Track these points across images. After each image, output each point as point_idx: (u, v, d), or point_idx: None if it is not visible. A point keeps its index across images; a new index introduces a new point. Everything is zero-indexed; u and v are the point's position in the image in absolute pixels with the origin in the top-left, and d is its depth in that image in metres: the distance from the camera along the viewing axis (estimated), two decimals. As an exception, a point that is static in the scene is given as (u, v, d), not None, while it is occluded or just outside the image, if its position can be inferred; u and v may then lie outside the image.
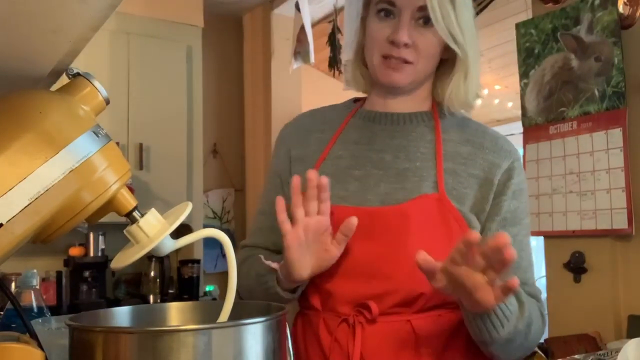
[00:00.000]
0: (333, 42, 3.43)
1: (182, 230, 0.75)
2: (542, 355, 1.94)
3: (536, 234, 2.29)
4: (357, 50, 1.12)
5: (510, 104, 5.40)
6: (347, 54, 1.21)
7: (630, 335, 1.90)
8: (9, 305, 0.97)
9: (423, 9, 0.98)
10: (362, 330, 0.97)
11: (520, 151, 2.35)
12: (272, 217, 1.09)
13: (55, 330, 0.90)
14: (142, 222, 0.68)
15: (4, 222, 0.57)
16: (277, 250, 1.09)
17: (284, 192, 1.11)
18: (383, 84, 1.05)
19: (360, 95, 1.18)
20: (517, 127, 2.54)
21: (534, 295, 1.02)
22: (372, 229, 0.98)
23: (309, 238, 0.95)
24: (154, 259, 3.11)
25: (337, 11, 3.43)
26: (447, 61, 1.06)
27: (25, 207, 0.58)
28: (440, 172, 1.02)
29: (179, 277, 3.33)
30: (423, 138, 1.06)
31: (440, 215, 0.99)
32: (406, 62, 1.01)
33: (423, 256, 0.83)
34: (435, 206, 0.99)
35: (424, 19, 0.99)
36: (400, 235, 0.97)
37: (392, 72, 1.02)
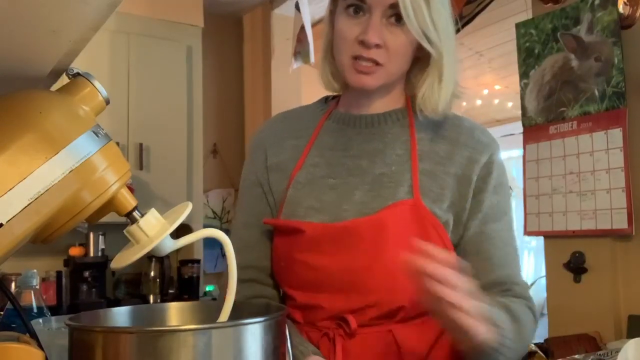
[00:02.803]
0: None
1: (182, 230, 0.75)
2: (542, 355, 1.94)
3: (536, 234, 2.29)
4: (327, 47, 1.06)
5: (510, 104, 5.40)
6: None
7: (630, 335, 1.90)
8: (9, 305, 0.98)
9: (395, 6, 0.92)
10: (343, 343, 0.95)
11: (520, 151, 2.36)
12: (259, 230, 1.07)
13: (55, 330, 0.91)
14: (142, 222, 0.68)
15: (4, 222, 0.57)
16: (268, 267, 1.06)
17: (268, 203, 1.08)
18: (354, 88, 1.00)
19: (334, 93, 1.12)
20: (517, 127, 2.54)
21: (523, 296, 1.00)
22: (349, 243, 0.95)
23: None
24: (154, 259, 3.11)
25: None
26: (422, 58, 1.01)
27: (25, 207, 0.58)
28: (416, 175, 0.98)
29: (179, 277, 3.33)
30: (398, 139, 1.02)
31: (417, 221, 0.95)
32: (377, 63, 0.95)
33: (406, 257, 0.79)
34: (410, 213, 0.96)
35: (396, 17, 0.93)
36: (376, 247, 0.94)
37: (362, 76, 0.96)
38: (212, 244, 3.47)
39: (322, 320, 0.98)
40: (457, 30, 1.03)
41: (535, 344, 2.02)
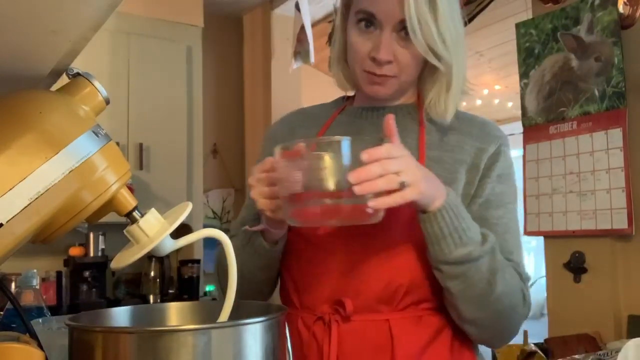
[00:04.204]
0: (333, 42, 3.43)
1: (182, 230, 0.75)
2: (542, 355, 1.94)
3: (536, 234, 2.29)
4: (340, 52, 1.08)
5: (510, 104, 5.41)
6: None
7: (630, 335, 1.90)
8: (9, 305, 0.98)
9: (404, 21, 0.93)
10: (338, 329, 0.95)
11: (520, 151, 2.36)
12: (256, 211, 1.09)
13: (55, 330, 0.91)
14: (142, 222, 0.68)
15: (4, 222, 0.57)
16: None
17: None
18: (367, 96, 1.04)
19: (352, 93, 1.15)
20: (517, 127, 2.55)
21: (519, 272, 0.98)
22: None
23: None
24: (154, 259, 3.11)
25: (337, 11, 3.43)
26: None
27: (25, 207, 0.58)
28: (422, 161, 0.99)
29: (179, 277, 3.33)
30: (409, 129, 1.04)
31: None
32: (389, 76, 0.98)
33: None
34: None
35: (406, 31, 0.94)
36: (377, 227, 0.91)
37: (376, 87, 1.00)
38: (212, 244, 3.46)
39: (320, 304, 0.98)
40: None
41: (535, 344, 2.02)
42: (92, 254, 3.03)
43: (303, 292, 1.01)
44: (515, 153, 2.92)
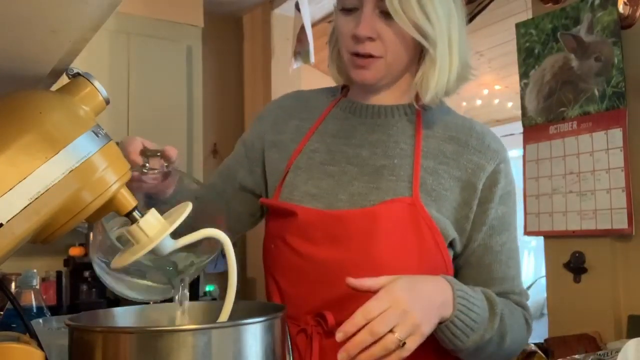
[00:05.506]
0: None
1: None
2: (542, 355, 1.94)
3: (536, 234, 2.29)
4: (334, 44, 1.06)
5: (510, 104, 5.40)
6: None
7: (630, 335, 1.90)
8: (9, 305, 0.98)
9: None
10: (320, 342, 0.93)
11: (520, 151, 2.36)
12: (222, 180, 1.16)
13: (55, 330, 0.91)
14: (142, 222, 0.68)
15: (4, 222, 0.57)
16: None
17: (247, 161, 1.13)
18: (356, 83, 1.01)
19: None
20: (517, 127, 2.55)
21: (521, 304, 1.00)
22: (338, 233, 0.93)
23: None
24: (154, 259, 3.11)
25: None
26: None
27: (25, 207, 0.58)
28: (417, 172, 0.96)
29: (179, 277, 3.32)
30: (404, 133, 1.01)
31: (412, 221, 0.93)
32: (374, 56, 0.94)
33: (352, 281, 0.82)
34: (407, 211, 0.93)
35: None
36: (366, 240, 0.92)
37: (362, 71, 0.96)
38: (212, 244, 3.46)
39: (302, 315, 0.96)
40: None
41: (535, 344, 2.02)
42: (92, 254, 3.03)
43: (287, 301, 0.99)
44: (515, 153, 2.92)
